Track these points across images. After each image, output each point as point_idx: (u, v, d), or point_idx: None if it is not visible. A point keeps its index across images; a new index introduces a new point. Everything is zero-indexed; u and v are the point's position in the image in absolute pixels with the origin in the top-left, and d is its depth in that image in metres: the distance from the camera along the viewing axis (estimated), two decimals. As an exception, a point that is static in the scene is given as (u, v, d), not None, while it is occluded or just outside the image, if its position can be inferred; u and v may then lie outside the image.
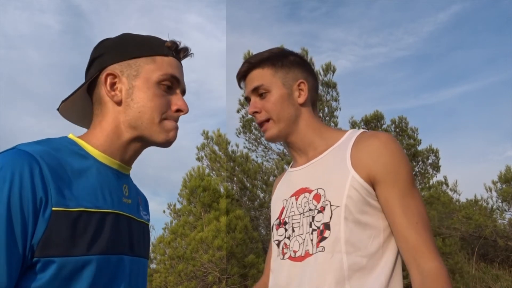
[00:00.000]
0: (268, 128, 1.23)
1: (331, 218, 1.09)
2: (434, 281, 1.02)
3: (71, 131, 1.01)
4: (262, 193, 8.69)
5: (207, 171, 7.96)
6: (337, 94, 8.77)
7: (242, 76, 1.29)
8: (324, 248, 1.08)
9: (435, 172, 9.83)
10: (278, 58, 1.25)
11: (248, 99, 1.27)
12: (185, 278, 6.42)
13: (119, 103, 0.98)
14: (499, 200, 8.47)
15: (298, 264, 1.12)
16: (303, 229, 1.14)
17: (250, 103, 1.26)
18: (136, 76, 0.98)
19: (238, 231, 6.46)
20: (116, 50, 1.00)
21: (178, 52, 1.04)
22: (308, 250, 1.11)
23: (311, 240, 1.11)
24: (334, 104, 8.78)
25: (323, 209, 1.11)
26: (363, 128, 9.07)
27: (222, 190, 7.47)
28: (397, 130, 9.49)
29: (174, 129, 1.01)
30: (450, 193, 9.35)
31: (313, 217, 1.12)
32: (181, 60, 1.06)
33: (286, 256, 1.17)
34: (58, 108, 1.02)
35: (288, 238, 1.18)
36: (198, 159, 8.68)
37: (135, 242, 1.00)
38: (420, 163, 9.71)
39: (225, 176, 8.31)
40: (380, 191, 1.10)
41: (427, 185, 9.50)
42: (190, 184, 7.30)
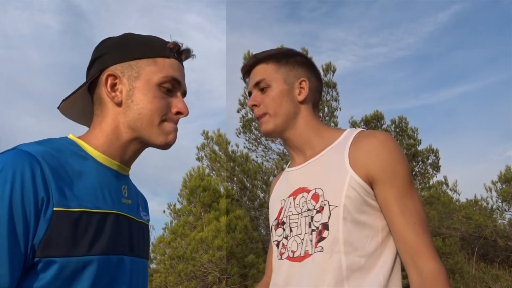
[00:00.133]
0: (264, 122, 1.24)
1: (329, 218, 1.09)
2: (433, 282, 1.01)
3: (71, 131, 1.01)
4: (262, 193, 8.69)
5: (207, 171, 7.96)
6: (337, 94, 8.78)
7: (247, 70, 1.30)
8: (323, 249, 1.08)
9: (435, 172, 9.83)
10: (283, 56, 1.27)
11: (250, 94, 1.29)
12: (185, 278, 6.42)
13: (119, 104, 0.98)
14: (499, 200, 8.47)
15: (297, 264, 1.12)
16: (301, 229, 1.14)
17: (250, 97, 1.27)
18: (136, 77, 0.98)
19: (238, 231, 6.46)
20: (117, 50, 0.99)
21: (180, 53, 1.04)
22: (307, 251, 1.11)
23: (311, 240, 1.11)
24: (334, 104, 8.78)
25: (321, 209, 1.11)
26: (363, 128, 9.06)
27: (222, 190, 7.47)
28: (397, 130, 9.48)
29: (173, 131, 1.01)
30: (450, 193, 9.34)
31: (312, 217, 1.12)
32: (182, 62, 1.05)
33: (284, 256, 1.16)
34: (58, 107, 1.02)
35: (286, 238, 1.18)
36: (198, 159, 8.68)
37: (135, 243, 1.00)
38: (420, 163, 9.71)
39: (225, 176, 8.31)
40: (378, 190, 1.09)
41: (427, 185, 9.50)
42: (190, 184, 7.30)
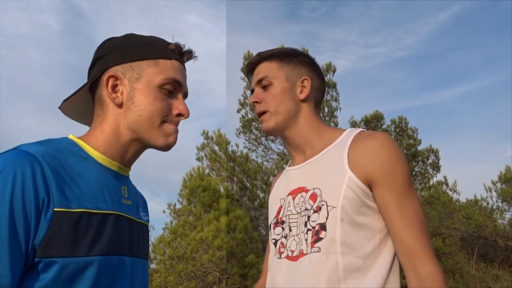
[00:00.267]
0: (265, 120, 1.24)
1: (327, 218, 1.08)
2: (430, 285, 1.01)
3: (72, 131, 1.01)
4: (262, 193, 8.69)
5: (207, 171, 7.96)
6: (337, 94, 8.79)
7: (251, 68, 1.31)
8: (320, 249, 1.08)
9: (435, 172, 9.83)
10: (287, 55, 1.27)
11: (253, 92, 1.29)
12: (185, 278, 6.42)
13: (120, 105, 0.98)
14: (499, 200, 8.47)
15: (294, 263, 1.12)
16: (299, 228, 1.14)
17: (253, 94, 1.28)
18: (138, 79, 0.98)
19: (238, 231, 6.46)
20: (119, 51, 0.99)
21: (181, 55, 1.03)
22: (302, 250, 1.11)
23: (306, 240, 1.11)
24: (334, 104, 8.79)
25: (319, 209, 1.11)
26: (362, 128, 9.06)
27: (222, 190, 7.47)
28: (397, 130, 9.49)
29: (174, 133, 1.00)
30: (450, 193, 9.35)
31: (309, 217, 1.12)
32: (184, 63, 1.05)
33: (283, 255, 1.16)
34: (60, 107, 1.02)
35: (285, 237, 1.18)
36: (198, 159, 8.69)
37: (135, 243, 1.00)
38: (420, 163, 9.71)
39: (225, 176, 8.31)
40: (377, 192, 1.09)
41: (427, 185, 9.50)
42: (190, 184, 7.30)
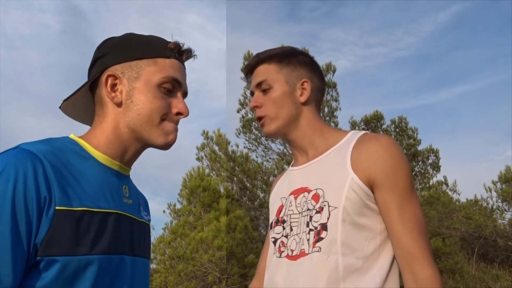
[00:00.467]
0: (265, 124, 1.24)
1: (328, 219, 1.09)
2: None
3: (72, 131, 1.01)
4: (262, 193, 8.69)
5: (207, 171, 7.97)
6: (337, 94, 8.79)
7: (249, 70, 1.30)
8: (321, 249, 1.08)
9: (435, 172, 9.83)
10: (286, 56, 1.26)
11: (253, 94, 1.29)
12: (185, 278, 6.42)
13: (119, 104, 0.98)
14: (499, 200, 8.46)
15: (294, 263, 1.13)
16: (300, 228, 1.15)
17: (252, 97, 1.28)
18: (136, 78, 0.98)
19: (238, 231, 6.46)
20: (118, 50, 1.00)
21: (181, 54, 1.03)
22: (303, 250, 1.11)
23: (308, 240, 1.11)
24: (334, 104, 8.79)
25: (321, 210, 1.11)
26: (363, 128, 9.09)
27: (222, 190, 7.47)
28: (397, 130, 9.49)
29: (173, 131, 1.00)
30: (450, 193, 9.34)
31: (311, 217, 1.13)
32: (183, 62, 1.05)
33: (283, 254, 1.17)
34: (60, 106, 1.02)
35: (286, 236, 1.18)
36: (198, 159, 8.69)
37: (136, 242, 1.00)
38: (420, 163, 9.71)
39: (225, 176, 8.31)
40: (379, 194, 1.10)
41: (427, 185, 9.50)
42: (190, 184, 7.30)
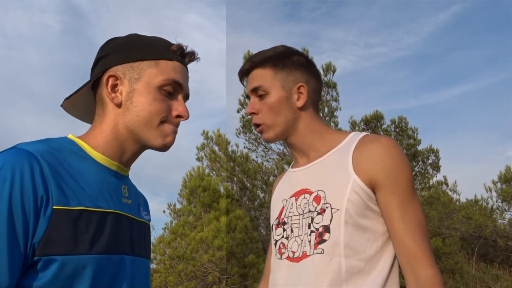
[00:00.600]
0: (264, 131, 1.23)
1: (331, 221, 1.09)
2: None
3: (73, 132, 1.01)
4: (262, 193, 8.69)
5: (207, 171, 7.96)
6: (337, 94, 8.78)
7: (244, 74, 1.28)
8: (323, 251, 1.08)
9: (435, 172, 9.83)
10: (280, 59, 1.23)
11: (249, 97, 1.28)
12: (185, 278, 6.42)
13: (119, 105, 0.98)
14: (499, 200, 8.46)
15: (296, 264, 1.12)
16: (302, 230, 1.14)
17: (249, 102, 1.26)
18: (137, 79, 0.97)
19: (238, 231, 6.46)
20: (121, 51, 0.99)
21: (183, 56, 1.02)
22: (305, 251, 1.11)
23: (309, 241, 1.11)
24: (334, 104, 8.79)
25: (323, 212, 1.11)
26: (363, 129, 9.08)
27: (222, 190, 7.47)
28: (397, 130, 9.48)
29: (172, 133, 1.00)
30: (450, 193, 9.34)
31: (312, 219, 1.12)
32: (186, 65, 1.04)
33: (284, 256, 1.17)
34: (61, 105, 1.02)
35: (287, 238, 1.18)
36: (198, 159, 8.69)
37: (136, 242, 1.00)
38: (420, 163, 9.71)
39: (225, 176, 8.31)
40: (380, 196, 1.10)
41: (427, 185, 9.50)
42: (190, 184, 7.30)
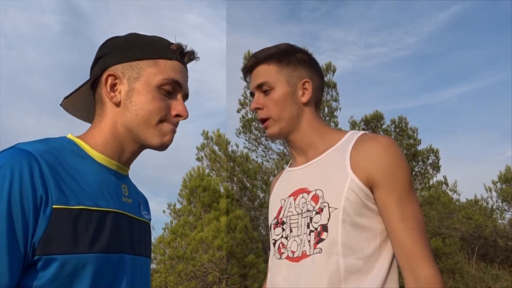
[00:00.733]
0: (269, 126, 1.23)
1: (329, 220, 1.09)
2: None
3: (73, 132, 1.01)
4: (262, 193, 8.70)
5: (207, 171, 7.96)
6: (337, 94, 8.79)
7: (248, 71, 1.28)
8: (321, 250, 1.08)
9: (435, 172, 9.83)
10: (284, 55, 1.24)
11: (252, 94, 1.27)
12: (185, 278, 6.42)
13: (118, 104, 0.98)
14: (499, 200, 8.47)
15: (296, 264, 1.12)
16: (301, 229, 1.14)
17: (253, 99, 1.26)
18: (136, 78, 0.97)
19: (238, 231, 6.46)
20: (120, 50, 0.99)
21: (183, 55, 1.02)
22: (305, 251, 1.11)
23: (309, 241, 1.11)
24: (334, 104, 8.79)
25: (321, 211, 1.11)
26: (363, 128, 9.08)
27: (222, 190, 7.47)
28: (397, 130, 9.48)
29: (170, 132, 1.00)
30: (450, 193, 9.35)
31: (311, 218, 1.12)
32: (186, 64, 1.04)
33: (284, 256, 1.17)
34: (61, 104, 1.02)
35: (286, 238, 1.18)
36: (198, 159, 8.69)
37: (136, 241, 1.00)
38: (420, 163, 9.71)
39: (225, 176, 8.31)
40: (378, 195, 1.10)
41: (427, 185, 9.50)
42: (190, 184, 7.30)
